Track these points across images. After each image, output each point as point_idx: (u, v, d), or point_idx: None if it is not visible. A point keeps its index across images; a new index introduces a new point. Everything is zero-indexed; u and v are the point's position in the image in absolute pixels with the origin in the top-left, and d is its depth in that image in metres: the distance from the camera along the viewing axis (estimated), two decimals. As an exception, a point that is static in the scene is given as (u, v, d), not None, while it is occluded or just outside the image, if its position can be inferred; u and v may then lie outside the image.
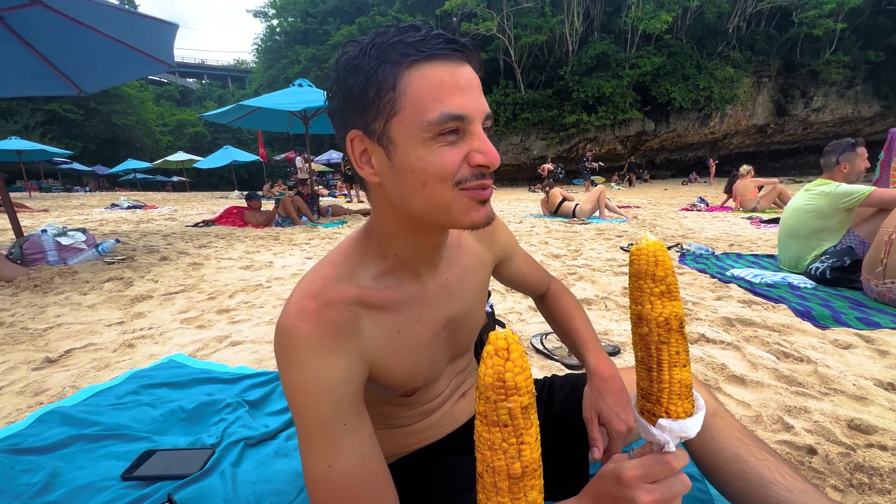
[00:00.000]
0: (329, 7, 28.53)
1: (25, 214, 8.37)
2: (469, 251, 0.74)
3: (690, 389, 0.50)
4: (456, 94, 0.50)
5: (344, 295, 0.58)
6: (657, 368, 0.49)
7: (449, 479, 0.74)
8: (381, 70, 0.50)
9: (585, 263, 3.44)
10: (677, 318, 0.48)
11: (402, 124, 0.51)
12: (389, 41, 0.50)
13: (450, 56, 0.50)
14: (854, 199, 2.50)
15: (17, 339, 2.04)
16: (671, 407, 0.49)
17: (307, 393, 0.53)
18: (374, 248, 0.62)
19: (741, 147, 24.52)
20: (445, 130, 0.50)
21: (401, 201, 0.55)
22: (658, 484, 0.47)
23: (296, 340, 0.53)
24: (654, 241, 0.48)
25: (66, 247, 3.75)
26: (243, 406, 1.39)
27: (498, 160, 0.53)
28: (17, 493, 1.00)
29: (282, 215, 6.70)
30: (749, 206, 6.97)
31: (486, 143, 0.52)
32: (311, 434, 0.53)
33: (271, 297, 2.72)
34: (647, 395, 0.50)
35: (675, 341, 0.48)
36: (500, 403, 0.41)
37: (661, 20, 19.83)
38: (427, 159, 0.50)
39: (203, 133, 38.43)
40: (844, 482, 0.98)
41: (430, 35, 0.50)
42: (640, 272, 0.48)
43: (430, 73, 0.49)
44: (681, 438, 0.48)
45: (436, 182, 0.51)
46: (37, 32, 4.03)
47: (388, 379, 0.64)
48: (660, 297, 0.48)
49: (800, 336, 1.85)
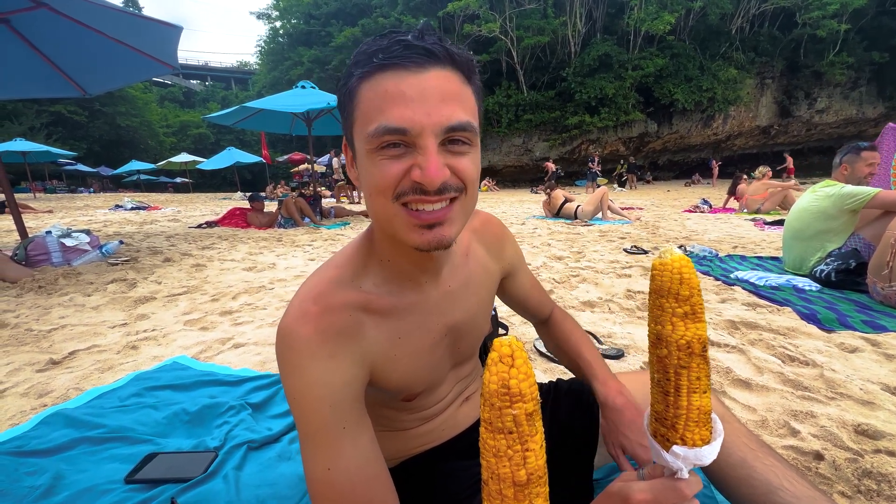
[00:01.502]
0: (332, 9, 28.63)
1: (30, 215, 8.41)
2: (476, 261, 0.74)
3: (709, 416, 0.47)
4: (398, 106, 0.47)
5: (346, 299, 0.58)
6: (675, 394, 0.46)
7: (452, 484, 0.73)
8: (350, 82, 0.51)
9: (588, 265, 3.43)
10: (700, 342, 0.44)
11: (357, 135, 0.52)
12: (359, 51, 0.51)
13: (405, 64, 0.47)
14: (859, 200, 2.48)
15: (22, 341, 2.05)
16: (687, 434, 0.46)
17: (308, 397, 0.53)
18: (374, 252, 0.62)
19: (744, 148, 24.45)
20: (384, 143, 0.48)
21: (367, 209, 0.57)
22: None
23: (297, 344, 0.53)
24: (680, 256, 0.44)
25: (71, 248, 3.77)
26: (246, 409, 1.39)
27: (435, 180, 0.48)
28: (22, 496, 1.01)
29: (284, 216, 6.71)
30: (753, 207, 6.94)
31: (427, 158, 0.48)
32: (311, 437, 0.53)
33: (274, 298, 2.72)
34: (662, 419, 0.47)
35: (697, 366, 0.45)
36: (505, 410, 0.41)
37: (664, 21, 19.81)
38: (370, 171, 0.51)
39: (206, 134, 38.61)
40: (852, 488, 0.97)
41: (392, 42, 0.48)
42: (663, 289, 0.45)
43: (378, 84, 0.48)
44: (695, 465, 0.46)
45: (376, 194, 0.51)
46: (42, 35, 4.06)
47: (389, 384, 0.64)
48: (682, 318, 0.44)
49: (805, 339, 1.83)
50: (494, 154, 23.46)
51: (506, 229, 0.82)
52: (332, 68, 25.69)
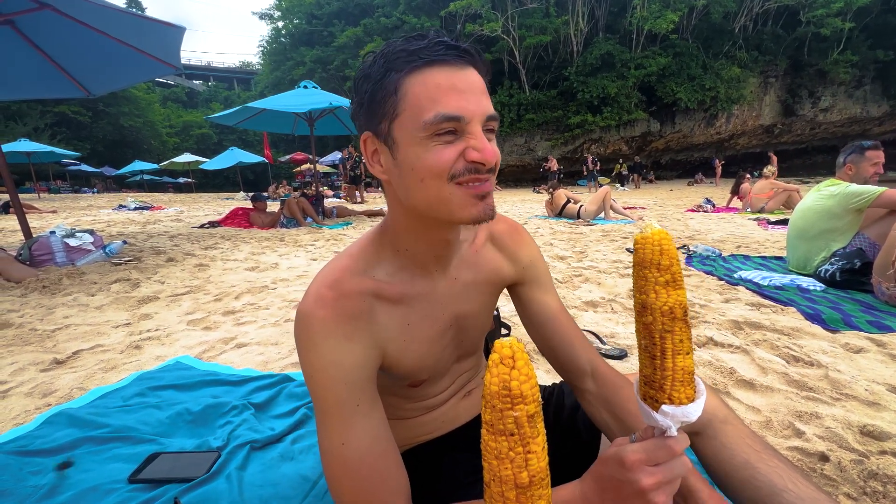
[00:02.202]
0: (334, 9, 28.64)
1: (34, 216, 8.47)
2: (486, 258, 0.75)
3: (693, 376, 0.50)
4: (452, 96, 0.52)
5: (360, 286, 0.62)
6: (661, 356, 0.49)
7: (456, 469, 0.77)
8: (387, 77, 0.54)
9: (591, 265, 3.42)
10: (681, 307, 0.48)
11: (402, 126, 0.54)
12: (396, 50, 0.54)
13: (449, 61, 0.53)
14: (864, 199, 2.46)
15: (26, 340, 2.06)
16: (674, 394, 0.49)
17: (324, 375, 0.57)
18: (389, 243, 0.66)
19: (748, 147, 24.34)
20: (441, 130, 0.52)
21: (406, 197, 0.58)
22: (660, 467, 0.48)
23: (314, 326, 0.57)
24: (659, 230, 0.48)
25: (75, 248, 3.79)
26: (249, 409, 1.39)
27: (495, 158, 0.54)
28: (26, 496, 1.01)
29: (287, 216, 6.73)
30: (757, 207, 6.91)
31: (482, 141, 0.53)
32: (327, 413, 0.57)
33: (277, 298, 2.72)
34: (651, 382, 0.51)
35: (679, 329, 0.49)
36: (507, 412, 0.41)
37: (668, 20, 19.73)
38: (424, 157, 0.53)
39: (209, 134, 38.75)
40: (858, 490, 0.97)
41: (432, 42, 0.53)
42: (645, 261, 0.48)
43: (429, 78, 0.53)
44: (682, 423, 0.49)
45: (432, 178, 0.54)
46: (46, 36, 4.09)
47: (399, 368, 0.67)
48: (664, 286, 0.48)
49: (810, 340, 1.82)
50: (497, 154, 23.43)
51: (527, 236, 0.80)
52: (334, 68, 25.71)
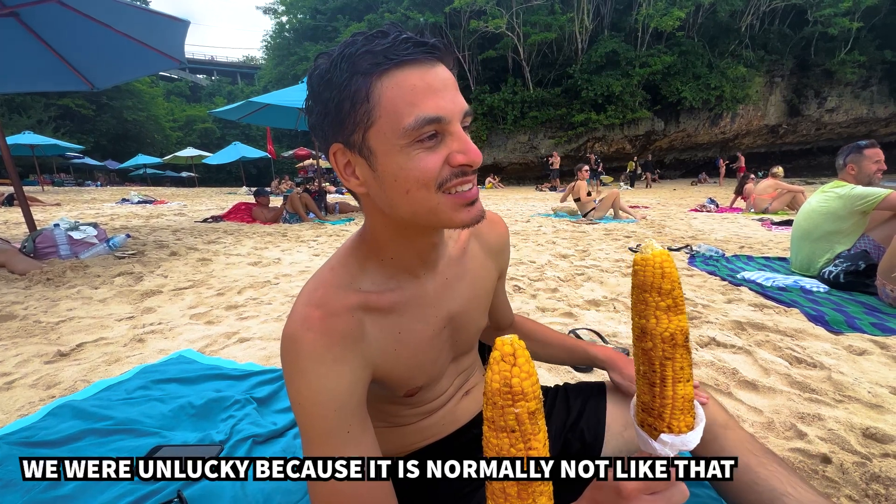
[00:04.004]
0: (338, 4, 28.52)
1: (38, 208, 8.50)
2: (473, 255, 0.75)
3: (692, 403, 0.49)
4: (430, 97, 0.49)
5: (347, 302, 0.59)
6: (661, 384, 0.47)
7: (455, 480, 0.74)
8: (354, 82, 0.49)
9: (594, 264, 3.41)
10: (683, 333, 0.46)
11: (379, 134, 0.50)
12: (358, 52, 0.49)
13: (420, 60, 0.49)
14: (869, 201, 2.45)
15: (30, 333, 2.07)
16: (673, 422, 0.48)
17: (312, 402, 0.54)
18: (372, 252, 0.63)
19: (752, 147, 24.17)
20: (423, 135, 0.49)
21: (390, 209, 0.55)
22: (658, 495, 0.47)
23: (301, 350, 0.54)
24: (661, 251, 0.46)
25: (78, 241, 3.81)
26: (252, 403, 1.40)
27: (480, 158, 0.52)
28: (29, 487, 1.02)
29: (289, 212, 6.74)
30: (761, 207, 6.88)
31: (466, 142, 0.52)
32: (315, 442, 0.55)
33: (279, 293, 2.73)
34: (649, 409, 0.49)
35: (680, 356, 0.47)
36: (508, 409, 0.41)
37: (674, 17, 19.52)
38: (407, 166, 0.50)
39: (212, 129, 38.72)
40: (860, 492, 0.97)
41: (398, 41, 0.49)
42: (646, 284, 0.46)
43: (402, 80, 0.49)
44: (681, 451, 0.48)
45: (418, 189, 0.51)
46: (50, 28, 4.08)
47: (392, 379, 0.65)
48: (665, 311, 0.46)
49: (813, 341, 1.82)
50: (499, 151, 23.33)
51: (504, 226, 0.83)
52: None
